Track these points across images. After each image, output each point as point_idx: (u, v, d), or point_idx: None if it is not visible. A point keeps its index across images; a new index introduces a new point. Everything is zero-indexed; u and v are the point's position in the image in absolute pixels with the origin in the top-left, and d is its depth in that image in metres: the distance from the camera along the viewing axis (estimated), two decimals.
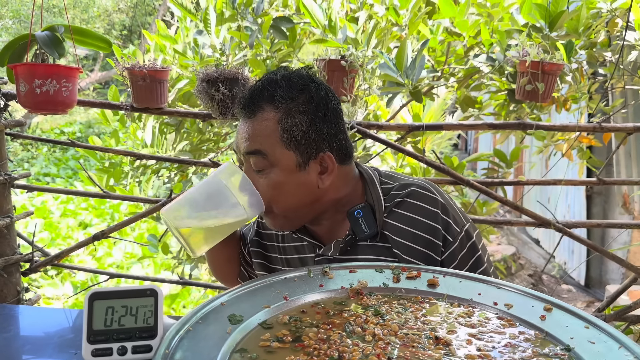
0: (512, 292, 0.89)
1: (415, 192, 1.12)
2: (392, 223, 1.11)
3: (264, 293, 0.87)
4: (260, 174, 1.06)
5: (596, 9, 2.41)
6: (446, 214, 1.10)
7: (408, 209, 1.11)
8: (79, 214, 7.55)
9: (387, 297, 0.90)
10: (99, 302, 0.72)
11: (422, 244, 1.09)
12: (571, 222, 2.06)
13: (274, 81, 1.07)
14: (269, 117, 1.05)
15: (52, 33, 2.00)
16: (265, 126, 1.05)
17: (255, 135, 1.05)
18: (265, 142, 1.04)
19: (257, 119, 1.05)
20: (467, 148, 11.42)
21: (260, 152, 1.05)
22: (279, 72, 1.09)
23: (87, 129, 12.89)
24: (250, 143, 1.05)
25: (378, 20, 2.66)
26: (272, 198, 1.07)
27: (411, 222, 1.10)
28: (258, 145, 1.05)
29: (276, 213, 1.09)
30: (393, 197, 1.13)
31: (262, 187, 1.06)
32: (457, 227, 1.11)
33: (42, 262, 2.28)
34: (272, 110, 1.05)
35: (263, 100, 1.06)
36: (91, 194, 2.40)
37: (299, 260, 1.21)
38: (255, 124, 1.05)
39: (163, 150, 2.86)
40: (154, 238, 3.22)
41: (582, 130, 2.03)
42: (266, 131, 1.04)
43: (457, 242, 1.09)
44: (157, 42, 2.86)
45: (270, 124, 1.05)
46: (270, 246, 1.28)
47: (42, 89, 1.92)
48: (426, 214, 1.10)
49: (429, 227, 1.09)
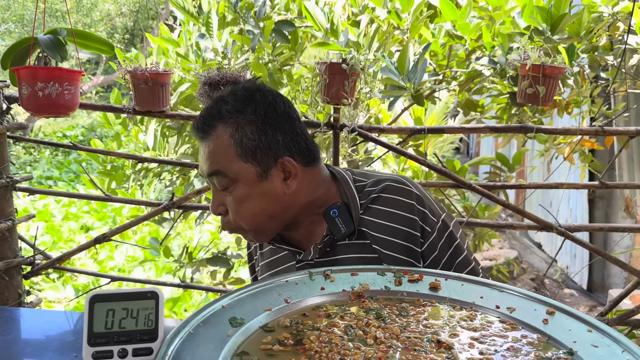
0: (515, 296, 0.89)
1: (390, 187, 1.12)
2: (369, 219, 1.11)
3: (265, 296, 0.86)
4: (225, 192, 1.07)
5: (598, 13, 2.41)
6: (421, 204, 1.11)
7: (383, 203, 1.11)
8: (80, 217, 7.56)
9: (388, 300, 0.89)
10: (100, 305, 0.72)
11: (401, 237, 1.09)
12: (573, 225, 2.05)
13: (222, 98, 1.08)
14: (221, 134, 1.05)
15: (55, 36, 2.00)
16: (219, 144, 1.05)
17: (212, 155, 1.05)
18: (223, 160, 1.05)
19: (211, 139, 1.06)
20: (469, 152, 11.42)
21: (219, 172, 1.06)
22: (226, 90, 1.10)
23: (89, 132, 12.92)
24: (209, 164, 1.06)
25: (380, 23, 2.66)
26: (240, 213, 1.07)
27: (388, 216, 1.10)
28: (216, 166, 1.05)
29: (246, 229, 1.10)
30: (368, 194, 1.13)
31: (230, 205, 1.07)
32: (434, 217, 1.11)
33: (44, 265, 2.28)
34: (223, 127, 1.05)
35: (214, 119, 1.06)
36: (93, 197, 2.40)
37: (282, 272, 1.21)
38: (210, 144, 1.06)
39: (165, 153, 2.87)
40: (155, 241, 3.22)
41: (584, 133, 2.03)
42: (221, 149, 1.05)
43: (435, 231, 1.10)
44: (160, 45, 2.87)
45: (223, 140, 1.05)
46: (256, 264, 1.28)
47: (44, 92, 1.92)
48: (402, 207, 1.10)
49: (406, 219, 1.09)
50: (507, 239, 6.83)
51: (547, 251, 5.96)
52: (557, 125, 2.27)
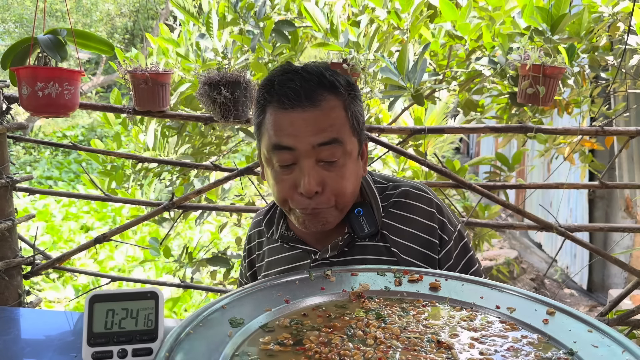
0: (515, 296, 0.89)
1: (411, 193, 1.13)
2: (390, 223, 1.11)
3: (265, 296, 0.86)
4: (330, 166, 1.02)
5: (598, 13, 2.41)
6: (441, 213, 1.12)
7: (405, 209, 1.12)
8: (80, 217, 7.56)
9: (388, 301, 0.89)
10: (100, 305, 0.72)
11: (420, 243, 1.10)
12: (573, 225, 2.05)
13: (323, 70, 1.03)
14: (334, 105, 1.02)
15: (55, 36, 2.00)
16: (336, 114, 1.01)
17: (328, 125, 1.00)
18: (340, 130, 1.01)
19: (323, 109, 1.01)
20: (469, 152, 11.41)
21: (337, 141, 1.00)
22: (309, 65, 1.06)
23: (89, 132, 12.92)
24: (326, 133, 0.99)
25: (380, 23, 2.66)
26: (341, 189, 1.03)
27: (408, 222, 1.11)
28: (335, 134, 1.00)
29: (335, 209, 1.05)
30: (388, 197, 1.14)
31: (332, 180, 1.02)
32: (452, 226, 1.13)
33: (44, 265, 2.28)
34: (335, 98, 1.02)
35: (324, 89, 1.01)
36: (93, 197, 2.40)
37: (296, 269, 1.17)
38: (323, 114, 1.00)
39: (165, 153, 2.87)
40: (155, 241, 3.21)
41: (584, 133, 2.03)
42: (338, 119, 1.02)
43: (452, 241, 1.12)
44: (160, 45, 2.87)
45: (340, 111, 1.02)
46: (257, 260, 1.26)
47: (44, 92, 1.92)
48: (422, 214, 1.11)
49: (426, 227, 1.10)
50: (507, 239, 6.83)
51: (547, 251, 5.96)
52: (557, 125, 2.27)
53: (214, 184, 2.21)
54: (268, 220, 1.23)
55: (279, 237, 1.17)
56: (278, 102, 1.01)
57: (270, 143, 1.02)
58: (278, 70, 1.05)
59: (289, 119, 1.00)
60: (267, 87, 1.04)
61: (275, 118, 1.02)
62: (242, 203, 3.14)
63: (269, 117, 1.03)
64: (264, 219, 1.24)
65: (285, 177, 1.03)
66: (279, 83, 1.02)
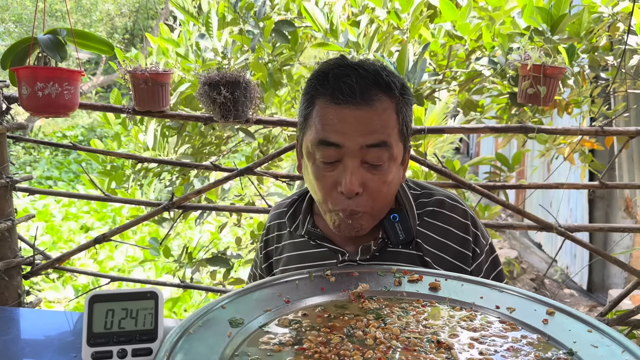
0: (514, 296, 0.89)
1: (446, 203, 1.11)
2: (424, 231, 1.09)
3: (265, 296, 0.86)
4: (374, 169, 0.99)
5: (598, 13, 2.41)
6: (475, 226, 1.11)
7: (439, 218, 1.10)
8: (80, 217, 7.56)
9: (388, 301, 0.89)
10: (99, 305, 0.72)
11: (452, 254, 1.08)
12: (573, 226, 2.05)
13: (380, 69, 1.00)
14: (387, 106, 0.99)
15: (55, 36, 2.00)
16: (388, 116, 0.98)
17: (380, 126, 0.97)
18: (390, 133, 0.98)
19: (376, 109, 0.97)
20: (469, 152, 11.41)
21: (386, 144, 0.98)
22: (365, 62, 1.01)
23: (89, 132, 12.92)
24: (376, 135, 0.97)
25: (379, 23, 2.66)
26: (381, 194, 1.01)
27: (442, 232, 1.09)
28: (385, 137, 0.97)
29: (370, 213, 1.02)
30: (423, 205, 1.12)
31: (374, 183, 0.99)
32: (484, 239, 1.11)
33: (44, 265, 2.28)
34: (389, 100, 0.99)
35: (378, 89, 0.98)
36: (93, 197, 2.40)
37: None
38: (375, 115, 0.97)
39: (165, 153, 2.87)
40: (155, 241, 3.21)
41: (584, 133, 2.03)
42: (390, 122, 0.99)
43: (484, 254, 1.10)
44: (160, 45, 2.87)
45: (391, 114, 0.99)
46: (274, 253, 1.22)
47: (44, 92, 1.92)
48: (457, 225, 1.10)
49: (460, 238, 1.09)
50: (507, 239, 6.83)
51: (547, 251, 5.96)
52: (557, 126, 2.27)
53: (213, 184, 2.21)
54: (292, 214, 1.19)
55: (305, 233, 1.13)
56: (331, 96, 0.98)
57: (316, 137, 0.99)
58: (332, 63, 1.02)
59: (340, 114, 0.97)
60: (319, 79, 1.01)
61: (325, 112, 0.98)
62: (242, 203, 3.14)
63: (318, 110, 1.00)
64: (287, 211, 1.20)
65: (327, 174, 1.00)
66: (334, 76, 0.98)
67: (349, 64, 1.00)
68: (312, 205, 1.17)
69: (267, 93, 2.64)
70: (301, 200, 1.20)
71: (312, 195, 1.08)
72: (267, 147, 3.46)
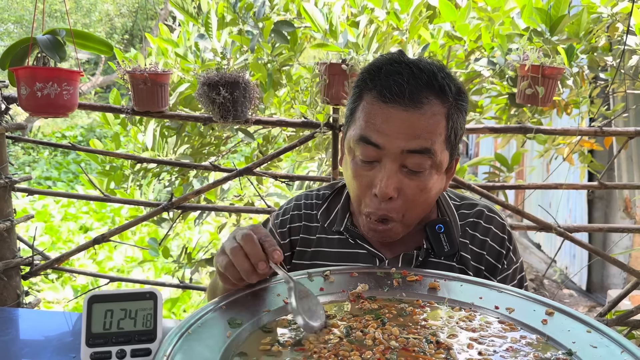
0: (514, 296, 0.89)
1: (486, 215, 1.10)
2: (466, 243, 1.07)
3: (265, 297, 0.86)
4: (413, 175, 0.95)
5: (597, 14, 2.41)
6: (510, 241, 1.09)
7: (479, 230, 1.08)
8: (79, 217, 7.55)
9: (387, 301, 0.89)
10: (98, 305, 0.71)
11: (486, 266, 1.07)
12: (572, 226, 2.05)
13: (436, 70, 0.94)
14: (437, 111, 0.93)
15: (54, 36, 2.00)
16: (436, 121, 0.93)
17: (425, 132, 0.92)
18: (435, 139, 0.93)
19: (425, 113, 0.92)
20: (468, 152, 11.41)
21: (429, 151, 0.93)
22: (423, 60, 0.95)
23: (88, 132, 12.91)
24: (419, 140, 0.92)
25: (379, 24, 2.66)
26: (416, 202, 0.96)
27: (480, 243, 1.07)
28: (429, 143, 0.92)
29: (402, 222, 0.99)
30: (464, 216, 1.09)
31: (410, 189, 0.95)
32: (515, 256, 1.09)
33: (42, 265, 2.28)
34: (440, 104, 0.94)
35: (430, 91, 0.93)
36: (91, 197, 2.40)
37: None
38: (423, 118, 0.92)
39: (164, 153, 2.86)
40: (154, 242, 3.21)
41: (583, 134, 2.03)
42: (437, 128, 0.93)
43: (511, 270, 1.08)
44: (159, 45, 2.87)
45: (441, 119, 0.94)
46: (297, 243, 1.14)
47: (43, 92, 1.92)
48: (494, 238, 1.08)
49: (495, 252, 1.07)
50: None
51: (547, 252, 5.96)
52: (555, 125, 2.27)
53: (212, 185, 2.21)
54: (325, 209, 1.14)
55: (344, 230, 1.09)
56: (379, 93, 0.93)
57: (358, 133, 0.95)
58: (388, 58, 0.97)
59: (385, 113, 0.92)
60: (371, 74, 0.96)
61: (371, 109, 0.94)
62: (241, 203, 3.14)
63: (364, 105, 0.96)
64: (322, 205, 1.15)
65: (365, 173, 0.96)
66: (386, 72, 0.94)
67: (405, 60, 0.95)
68: (349, 202, 1.12)
69: (267, 93, 2.64)
70: (336, 196, 1.16)
71: (349, 192, 1.04)
72: (267, 147, 3.46)
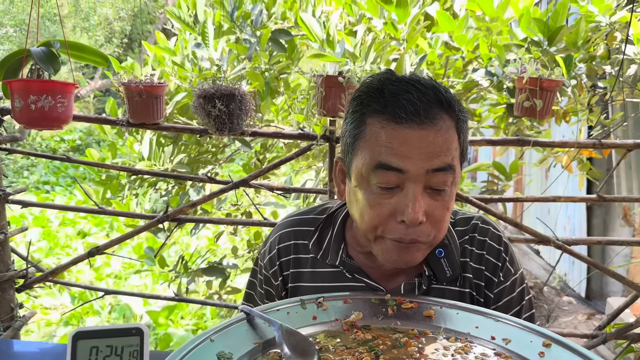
0: (511, 326, 0.87)
1: (481, 228, 1.05)
2: (466, 261, 1.03)
3: (255, 328, 0.84)
4: (437, 194, 0.91)
5: (595, 23, 2.40)
6: (507, 252, 1.04)
7: (475, 244, 1.04)
8: (77, 222, 7.53)
9: (382, 331, 0.87)
10: (83, 342, 0.70)
11: (485, 282, 1.03)
12: (571, 239, 2.04)
13: (437, 85, 0.92)
14: (449, 126, 0.91)
15: (48, 48, 1.98)
16: (451, 136, 0.91)
17: (444, 148, 0.89)
18: (454, 155, 0.92)
19: (440, 128, 0.89)
20: (467, 157, 11.42)
21: (451, 168, 0.90)
22: (419, 77, 0.93)
23: (87, 136, 12.89)
24: (441, 157, 0.89)
25: (377, 33, 2.65)
26: (443, 222, 0.93)
27: (479, 259, 1.03)
28: (450, 159, 0.90)
29: (429, 243, 0.94)
30: (461, 234, 1.05)
31: (437, 211, 0.91)
32: (512, 267, 1.04)
33: (37, 278, 2.26)
34: (449, 119, 0.91)
35: (440, 106, 0.90)
36: (86, 209, 2.38)
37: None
38: (440, 134, 0.89)
39: (160, 163, 2.85)
40: (151, 251, 3.19)
41: (582, 146, 2.01)
42: (453, 142, 0.91)
43: (509, 282, 1.03)
44: (156, 53, 2.85)
45: (453, 133, 0.92)
46: (288, 279, 1.09)
47: (37, 104, 1.91)
48: (491, 251, 1.03)
49: (492, 265, 1.03)
50: None
51: (545, 258, 5.95)
52: (554, 133, 2.26)
53: (208, 197, 2.19)
54: (317, 239, 1.08)
55: (340, 264, 1.04)
56: (391, 114, 0.88)
57: (374, 161, 0.89)
58: (383, 78, 0.93)
59: (402, 135, 0.88)
60: (372, 96, 0.92)
61: (384, 132, 0.89)
62: (238, 213, 3.12)
63: (374, 129, 0.90)
64: (314, 234, 1.08)
65: (385, 202, 0.90)
66: (391, 93, 0.90)
67: (404, 78, 0.92)
68: (343, 231, 1.07)
69: (264, 102, 2.62)
70: (327, 224, 1.09)
71: (356, 222, 0.97)
72: (264, 154, 3.45)
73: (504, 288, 1.03)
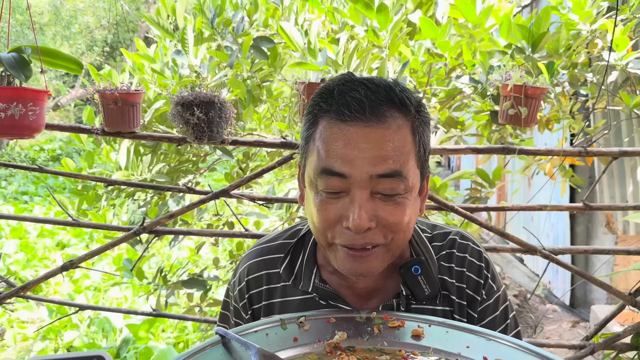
0: (503, 345, 0.82)
1: (459, 243, 1.01)
2: (444, 279, 0.98)
3: (230, 351, 0.78)
4: (388, 199, 0.86)
5: (576, 30, 2.40)
6: (488, 269, 1.01)
7: (454, 261, 1.00)
8: (56, 234, 7.38)
9: (368, 352, 0.82)
10: None
11: (467, 300, 0.99)
12: (557, 248, 2.01)
13: (392, 84, 0.87)
14: (402, 125, 0.86)
15: (19, 54, 1.90)
16: (403, 137, 0.86)
17: (394, 151, 0.84)
18: (404, 159, 0.86)
19: (390, 127, 0.84)
20: (450, 165, 11.47)
21: (399, 174, 0.85)
22: (374, 77, 0.89)
23: (66, 145, 12.69)
24: (389, 161, 0.84)
25: (359, 41, 2.61)
26: (398, 226, 0.87)
27: (459, 276, 0.99)
28: (399, 165, 0.85)
29: (391, 249, 0.89)
30: (439, 249, 1.00)
31: (388, 214, 0.86)
32: (495, 284, 1.01)
33: (7, 294, 2.16)
34: (403, 118, 0.86)
35: (391, 105, 0.85)
36: (60, 221, 2.29)
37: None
38: (389, 134, 0.84)
39: (138, 172, 2.77)
40: (129, 262, 3.10)
41: (567, 155, 2.00)
42: (405, 144, 0.86)
43: (492, 300, 1.00)
44: (135, 61, 2.78)
45: (407, 134, 0.86)
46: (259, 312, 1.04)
47: (7, 113, 1.82)
48: (472, 268, 0.99)
49: (473, 282, 0.99)
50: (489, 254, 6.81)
51: (529, 266, 5.96)
52: (537, 140, 2.24)
53: (187, 208, 2.12)
54: (289, 264, 1.02)
55: (313, 290, 0.98)
56: (336, 113, 0.85)
57: (318, 166, 0.86)
58: (338, 79, 0.90)
59: (345, 135, 0.84)
60: (323, 96, 0.89)
61: (329, 133, 0.86)
62: (219, 223, 3.05)
63: (321, 130, 0.88)
64: (283, 260, 1.02)
65: (331, 207, 0.87)
66: (340, 92, 0.87)
67: (357, 79, 0.88)
68: (315, 254, 1.01)
69: (246, 110, 2.57)
70: (297, 248, 1.03)
71: (312, 228, 0.92)
72: (247, 163, 3.39)
73: (487, 306, 0.99)
